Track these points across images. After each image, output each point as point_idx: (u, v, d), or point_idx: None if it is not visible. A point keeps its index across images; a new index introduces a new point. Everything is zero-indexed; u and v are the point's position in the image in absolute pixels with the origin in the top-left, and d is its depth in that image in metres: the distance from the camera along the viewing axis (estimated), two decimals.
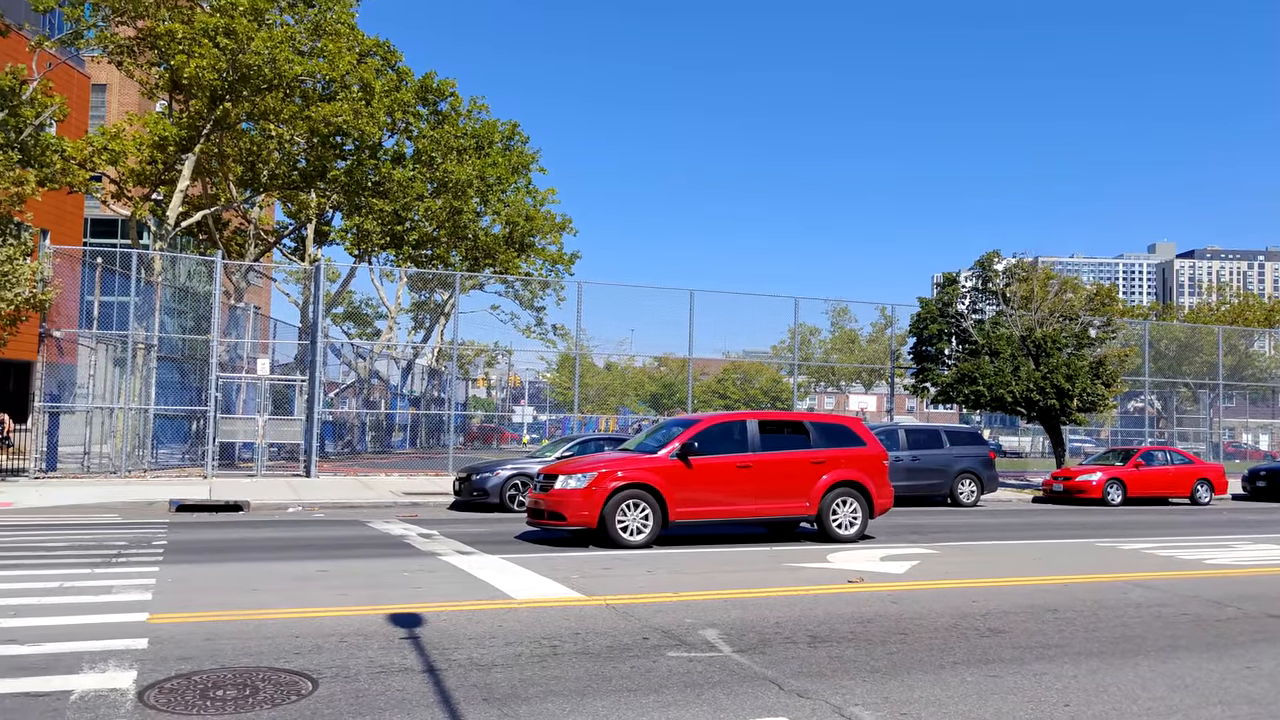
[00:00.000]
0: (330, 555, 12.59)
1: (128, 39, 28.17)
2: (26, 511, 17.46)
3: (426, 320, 51.67)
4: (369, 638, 7.76)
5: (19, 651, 7.08)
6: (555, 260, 46.90)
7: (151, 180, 29.56)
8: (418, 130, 38.72)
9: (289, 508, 19.29)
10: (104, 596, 9.28)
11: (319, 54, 29.03)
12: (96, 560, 11.61)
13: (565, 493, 13.99)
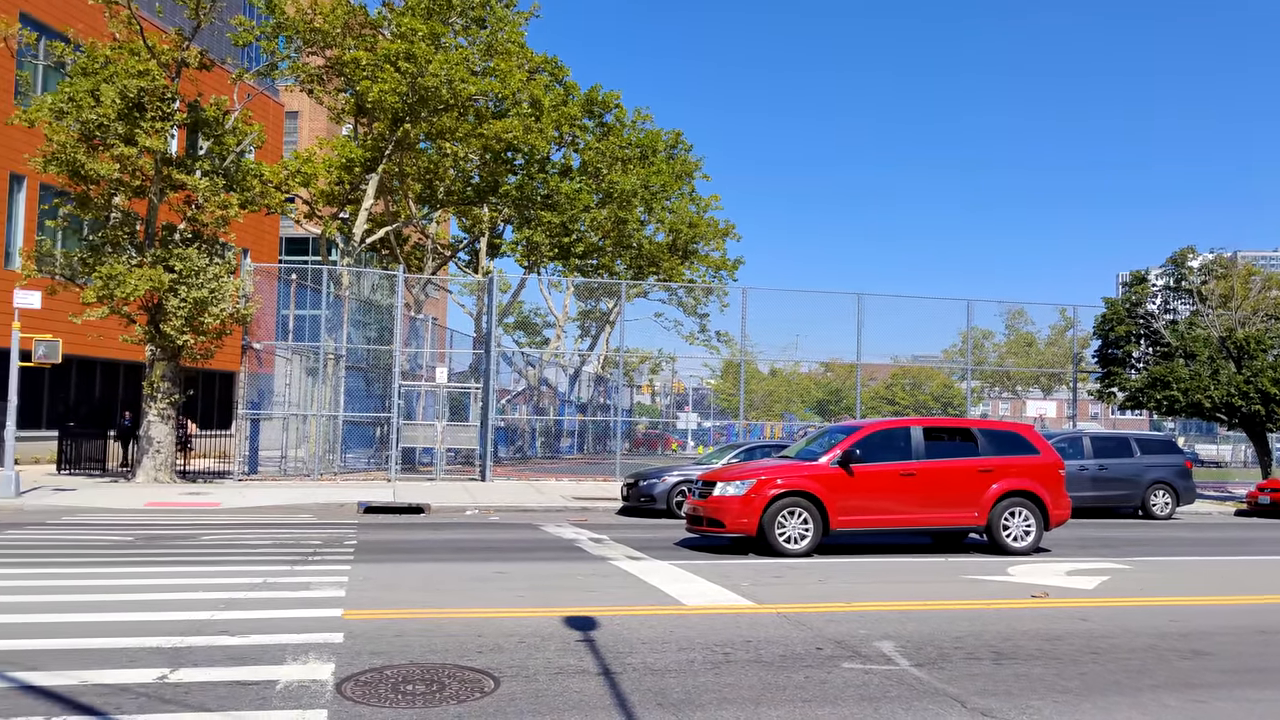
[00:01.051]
0: (506, 558, 12.99)
1: (317, 68, 30.02)
2: (232, 511, 18.81)
3: (593, 328, 52.68)
4: (546, 639, 7.97)
5: (230, 642, 7.63)
6: (719, 266, 46.96)
7: (339, 200, 31.36)
8: (584, 142, 39.59)
9: (466, 510, 20.03)
10: (302, 593, 9.89)
11: (491, 73, 30.12)
12: (295, 558, 12.38)
13: (723, 500, 13.99)
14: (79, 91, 21.64)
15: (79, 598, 9.35)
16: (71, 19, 27.52)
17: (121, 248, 23.48)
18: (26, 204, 29.95)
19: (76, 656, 7.10)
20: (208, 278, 22.89)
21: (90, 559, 12.00)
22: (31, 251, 23.49)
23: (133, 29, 22.95)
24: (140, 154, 22.48)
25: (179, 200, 24.14)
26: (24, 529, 15.16)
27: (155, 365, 23.51)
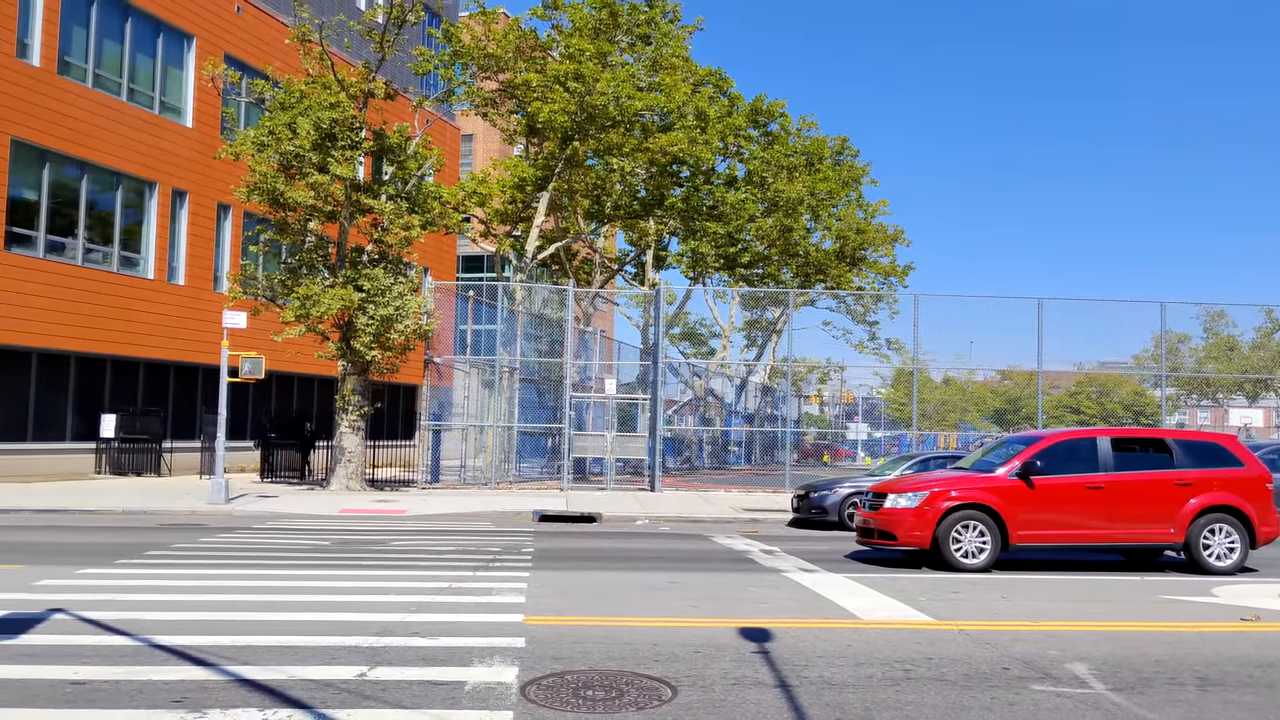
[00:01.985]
0: (678, 568, 13.10)
1: (491, 92, 31.23)
2: (417, 518, 19.73)
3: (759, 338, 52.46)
4: (721, 649, 8.00)
5: (421, 644, 8.02)
6: (888, 273, 45.94)
7: (512, 218, 32.47)
8: (749, 152, 39.59)
9: (637, 520, 20.31)
10: (485, 598, 10.27)
11: (657, 88, 30.56)
12: (477, 564, 12.87)
13: (896, 512, 13.68)
14: (278, 125, 23.26)
15: (284, 598, 10.02)
16: (270, 57, 29.66)
17: (316, 270, 25.05)
18: (232, 231, 32.40)
19: (285, 653, 7.62)
20: (393, 296, 24.13)
21: (293, 562, 12.84)
22: (237, 275, 25.39)
23: (324, 64, 24.50)
24: (332, 181, 23.94)
25: (366, 223, 25.57)
26: (234, 533, 16.37)
27: (346, 379, 24.94)
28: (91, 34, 27.73)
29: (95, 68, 27.85)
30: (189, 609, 9.29)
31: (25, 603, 9.41)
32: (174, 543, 14.56)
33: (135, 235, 29.35)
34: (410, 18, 24.94)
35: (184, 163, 30.38)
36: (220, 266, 32.05)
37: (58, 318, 26.22)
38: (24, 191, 25.82)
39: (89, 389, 28.08)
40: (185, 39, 30.71)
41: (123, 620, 8.66)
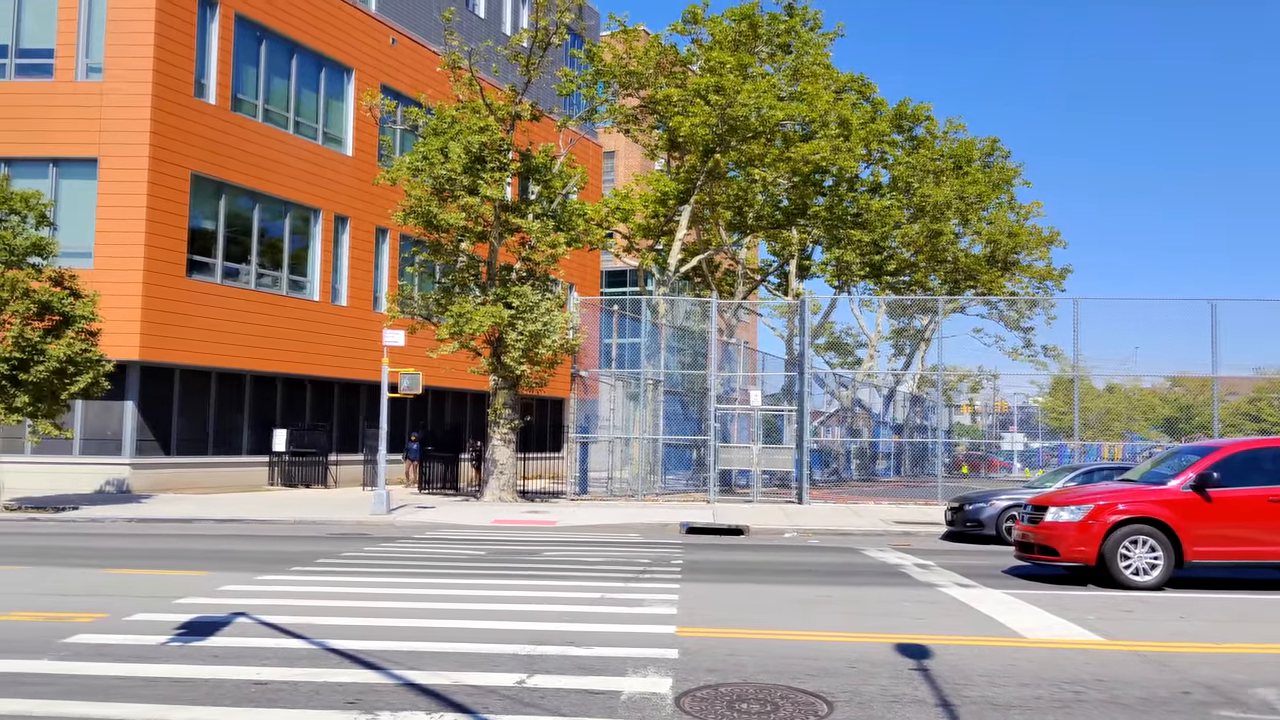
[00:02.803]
0: (829, 581, 12.92)
1: (632, 108, 31.68)
2: (567, 529, 20.11)
3: (907, 347, 51.23)
4: (877, 665, 7.85)
5: (577, 653, 8.18)
6: (1043, 277, 44.16)
7: (654, 232, 32.80)
8: (893, 158, 38.81)
9: (785, 533, 20.12)
10: (636, 609, 10.38)
11: (798, 97, 30.36)
12: (628, 575, 13.02)
13: (1057, 526, 13.09)
14: (431, 150, 24.22)
15: (445, 605, 10.39)
16: (422, 85, 30.94)
17: (468, 288, 25.93)
18: (390, 253, 33.89)
19: (448, 659, 7.90)
20: (541, 312, 24.73)
21: (451, 571, 13.30)
22: (395, 295, 26.53)
23: (473, 89, 25.38)
24: (482, 202, 24.74)
25: (515, 242, 26.30)
26: (396, 542, 17.07)
27: (498, 393, 25.68)
28: (261, 72, 29.56)
29: (265, 103, 29.66)
30: (358, 615, 9.75)
31: (211, 607, 10.07)
32: (342, 551, 15.29)
33: (302, 260, 31.06)
34: (555, 40, 25.58)
35: (345, 189, 31.98)
36: (379, 287, 33.54)
37: (234, 339, 27.97)
38: (203, 222, 27.69)
39: (262, 406, 29.83)
40: (345, 72, 32.37)
41: (298, 624, 9.16)
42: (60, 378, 20.62)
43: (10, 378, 20.26)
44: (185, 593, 10.89)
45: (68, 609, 9.85)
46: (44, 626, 9.00)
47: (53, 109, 25.87)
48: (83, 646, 8.17)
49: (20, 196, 20.99)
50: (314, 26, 31.05)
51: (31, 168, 25.67)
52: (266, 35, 29.66)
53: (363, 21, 33.15)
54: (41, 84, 26.08)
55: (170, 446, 27.03)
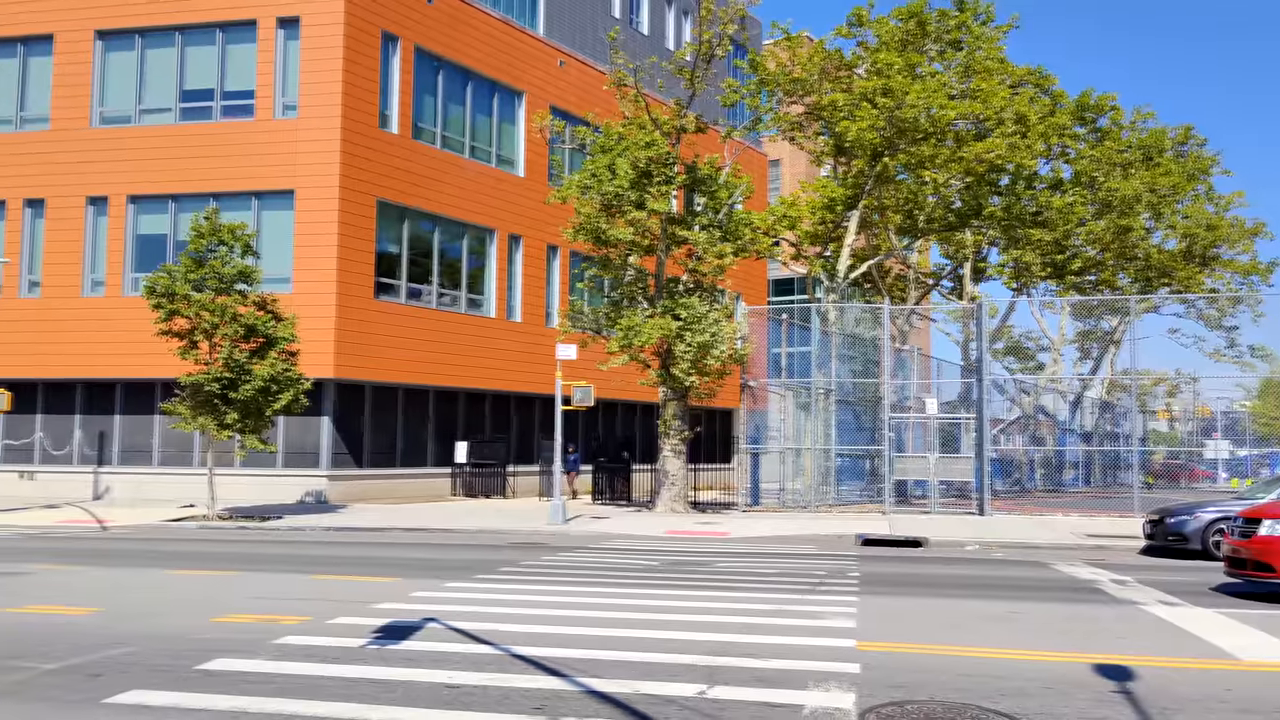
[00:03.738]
0: (1017, 596, 12.36)
1: (797, 116, 31.43)
2: (740, 540, 20.05)
3: (1094, 350, 48.54)
4: (1075, 686, 7.46)
5: (755, 665, 8.13)
6: (1247, 271, 41.01)
7: (822, 239, 32.38)
8: (1075, 152, 36.96)
9: (966, 545, 19.41)
10: (814, 621, 10.24)
11: (971, 94, 29.36)
12: (803, 587, 12.87)
13: (1273, 540, 12.07)
14: (599, 167, 24.73)
15: (623, 615, 10.54)
16: (589, 104, 31.67)
17: (636, 301, 26.29)
18: (560, 270, 34.79)
19: (628, 667, 8.02)
20: (709, 323, 24.80)
21: (627, 581, 13.48)
22: (566, 311, 27.20)
23: (639, 105, 25.77)
24: (649, 216, 25.06)
25: (682, 254, 26.49)
26: (572, 552, 17.46)
27: (667, 405, 25.89)
28: (439, 101, 30.97)
29: (443, 130, 31.05)
30: (540, 622, 10.02)
31: (404, 612, 10.57)
32: (522, 560, 15.76)
33: (479, 278, 32.29)
34: (718, 52, 25.68)
35: (518, 209, 33.07)
36: (551, 303, 34.47)
37: (418, 357, 29.33)
38: (388, 246, 29.20)
39: (445, 419, 31.15)
40: (517, 96, 33.51)
41: (485, 631, 9.50)
42: (265, 395, 22.14)
43: (221, 396, 21.92)
44: (380, 598, 11.47)
45: (277, 612, 10.55)
46: (257, 627, 9.67)
47: (254, 146, 27.88)
48: (291, 647, 8.73)
49: (228, 228, 22.71)
50: (487, 54, 32.31)
51: (236, 201, 27.73)
52: (443, 65, 31.06)
53: (532, 46, 34.24)
54: (243, 124, 28.17)
55: (362, 459, 28.57)
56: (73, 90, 29.04)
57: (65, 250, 28.71)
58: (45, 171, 28.77)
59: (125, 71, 29.08)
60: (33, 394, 28.30)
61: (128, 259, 28.50)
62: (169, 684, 7.37)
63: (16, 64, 29.72)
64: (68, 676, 7.61)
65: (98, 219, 28.76)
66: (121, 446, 28.64)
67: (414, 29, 29.86)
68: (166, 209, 28.44)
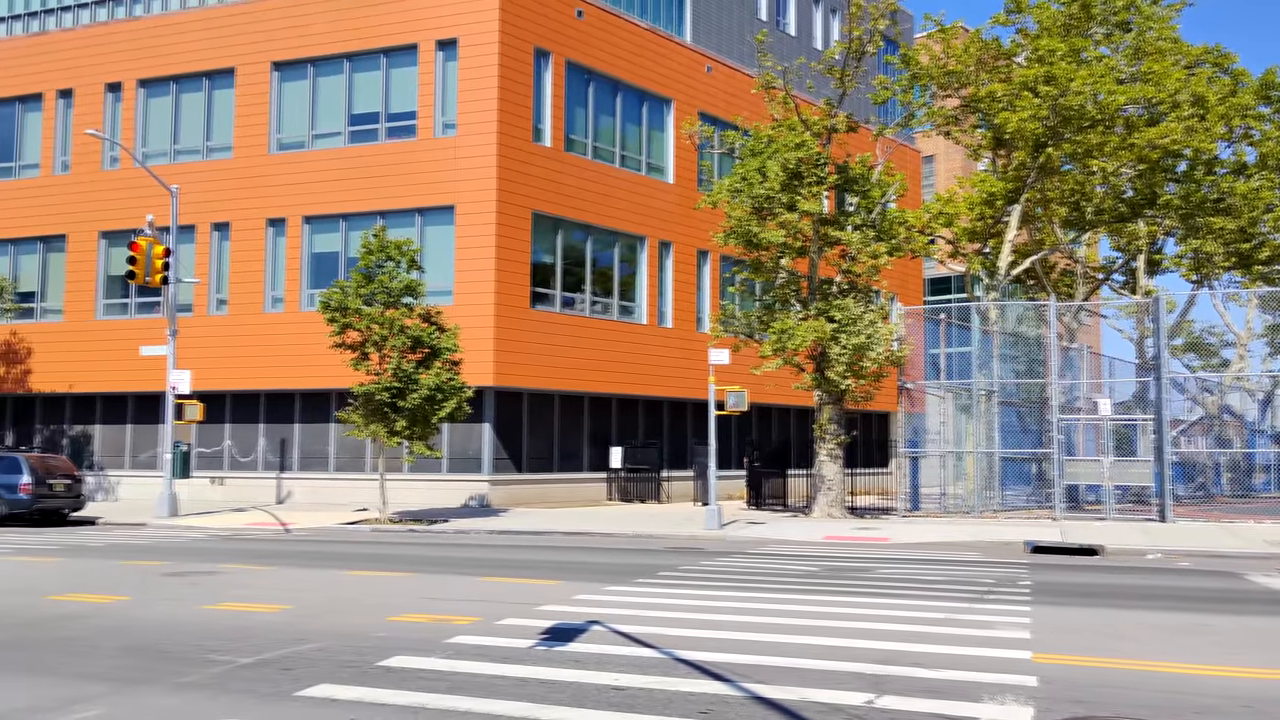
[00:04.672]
0: (1206, 609, 11.61)
1: (952, 109, 30.48)
2: (901, 546, 19.58)
3: None
4: (1277, 705, 6.95)
5: (925, 675, 7.93)
6: None
7: (981, 235, 31.29)
8: (1260, 134, 34.44)
9: (1147, 554, 18.35)
10: (985, 631, 9.89)
11: (1141, 77, 27.81)
12: (969, 595, 12.45)
13: None
14: (749, 170, 24.66)
15: (784, 620, 10.46)
16: (738, 108, 31.61)
17: (789, 304, 26.07)
18: (711, 275, 34.84)
19: (792, 674, 7.95)
20: (864, 325, 24.35)
21: (787, 586, 13.37)
22: (718, 315, 27.20)
23: (788, 107, 25.57)
24: (800, 218, 24.82)
25: (834, 255, 26.12)
26: (730, 557, 17.43)
27: (823, 409, 25.55)
28: (589, 112, 31.55)
29: (593, 141, 31.61)
30: (701, 627, 10.05)
31: (568, 614, 10.80)
32: (680, 565, 15.84)
33: (630, 286, 32.69)
34: (869, 49, 25.21)
35: (667, 216, 33.31)
36: (701, 308, 34.56)
37: (573, 364, 29.92)
38: (542, 256, 29.93)
39: (599, 425, 31.66)
40: (665, 104, 33.79)
41: (648, 634, 9.60)
42: (430, 404, 23.06)
43: (391, 405, 22.95)
44: (544, 600, 11.75)
45: (448, 612, 10.96)
46: (430, 627, 10.08)
47: (416, 165, 29.09)
48: (463, 646, 9.05)
49: (394, 244, 23.77)
50: (635, 64, 32.71)
51: (401, 218, 28.98)
52: (593, 77, 31.63)
53: (680, 54, 34.46)
54: (406, 144, 29.43)
55: (521, 464, 29.35)
56: (253, 119, 31.02)
57: (248, 270, 30.67)
58: (230, 196, 30.82)
59: (299, 99, 30.86)
60: (222, 405, 30.32)
61: (304, 276, 30.21)
62: (353, 679, 7.76)
63: (203, 97, 31.98)
64: (262, 670, 8.12)
65: (277, 239, 30.61)
66: (301, 453, 30.35)
67: (565, 43, 30.53)
68: (338, 228, 30.01)
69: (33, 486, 23.72)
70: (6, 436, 33.85)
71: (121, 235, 31.16)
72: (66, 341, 32.50)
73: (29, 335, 33.16)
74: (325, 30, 30.31)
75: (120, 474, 32.06)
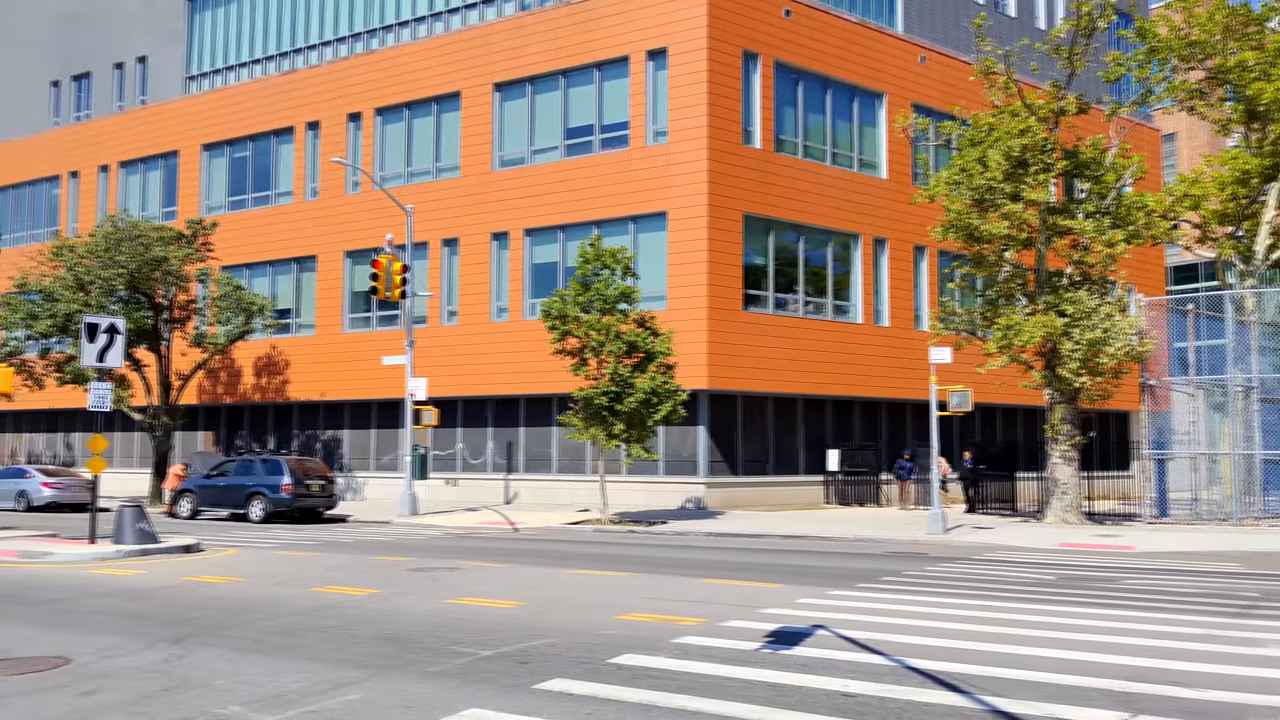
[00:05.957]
0: None
1: (1197, 83, 28.09)
2: (1146, 555, 18.22)
3: None
4: None
5: (1184, 694, 7.35)
6: None
7: (1233, 218, 28.63)
8: None
9: None
10: (1252, 649, 9.07)
11: None
12: (1231, 610, 11.43)
13: None
14: (968, 161, 23.69)
15: (1018, 631, 9.97)
16: (955, 98, 30.44)
17: (1014, 299, 24.84)
18: (929, 271, 33.71)
19: (1033, 688, 7.56)
20: (1099, 318, 22.86)
21: (1019, 595, 12.73)
22: (938, 312, 26.27)
23: (1010, 92, 24.38)
24: (1025, 208, 23.61)
25: (1064, 246, 24.68)
26: (955, 563, 16.79)
27: (1054, 408, 24.16)
28: (798, 112, 31.26)
29: (803, 140, 31.30)
30: (931, 635, 9.73)
31: (791, 618, 10.73)
32: (904, 570, 15.41)
33: (844, 285, 32.12)
34: (1100, 24, 23.68)
35: (881, 212, 32.51)
36: (919, 306, 33.50)
37: (786, 366, 29.70)
38: (753, 258, 29.90)
39: (814, 427, 31.28)
40: (876, 98, 33.00)
41: (874, 640, 9.40)
42: (646, 407, 23.52)
43: (609, 408, 23.57)
44: (766, 603, 11.74)
45: (672, 612, 11.14)
46: (656, 627, 10.27)
47: (629, 174, 29.77)
48: (689, 647, 9.18)
49: (610, 253, 24.42)
50: (845, 59, 32.14)
51: (615, 226, 29.75)
52: (802, 76, 31.32)
53: (891, 46, 33.58)
54: (619, 154, 30.17)
55: (736, 467, 29.42)
56: (477, 139, 32.72)
57: (475, 282, 32.35)
58: (457, 213, 32.62)
59: (518, 118, 32.28)
60: (454, 410, 32.11)
61: (525, 286, 31.54)
62: (586, 675, 8.03)
63: (432, 121, 34.02)
64: (501, 663, 8.54)
65: (500, 252, 32.12)
66: (526, 456, 31.69)
67: (773, 44, 30.40)
68: (556, 239, 31.14)
69: (292, 487, 25.95)
70: (268, 441, 37.21)
71: (363, 254, 33.63)
72: (318, 353, 35.37)
73: (286, 349, 36.32)
74: (541, 49, 31.56)
75: (366, 475, 34.57)
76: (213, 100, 39.52)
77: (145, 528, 18.00)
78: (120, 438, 39.42)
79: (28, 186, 44.67)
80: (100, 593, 12.85)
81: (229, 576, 14.55)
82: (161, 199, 40.12)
